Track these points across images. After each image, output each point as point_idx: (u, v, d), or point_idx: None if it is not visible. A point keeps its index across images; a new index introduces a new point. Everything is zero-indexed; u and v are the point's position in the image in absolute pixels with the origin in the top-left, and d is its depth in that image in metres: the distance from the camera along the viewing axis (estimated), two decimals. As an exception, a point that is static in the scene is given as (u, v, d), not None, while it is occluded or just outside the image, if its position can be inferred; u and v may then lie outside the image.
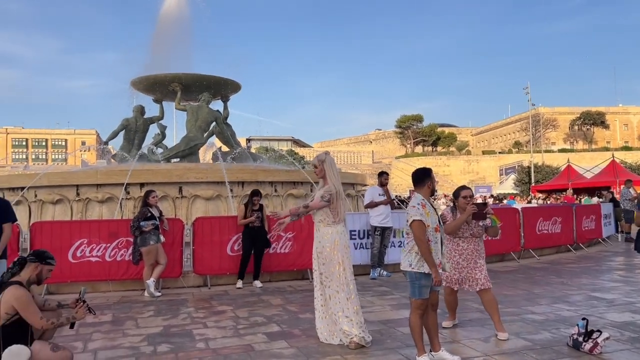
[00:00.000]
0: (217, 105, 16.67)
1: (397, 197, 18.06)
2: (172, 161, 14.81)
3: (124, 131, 15.46)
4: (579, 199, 25.73)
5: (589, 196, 26.45)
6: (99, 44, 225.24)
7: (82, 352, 5.28)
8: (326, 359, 4.96)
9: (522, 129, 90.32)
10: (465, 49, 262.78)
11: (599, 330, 5.05)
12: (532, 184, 44.90)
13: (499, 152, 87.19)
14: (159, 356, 5.12)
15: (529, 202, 27.99)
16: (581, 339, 4.99)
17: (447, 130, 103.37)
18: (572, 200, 24.19)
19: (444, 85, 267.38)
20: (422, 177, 4.86)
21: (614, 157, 32.12)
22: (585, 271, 10.21)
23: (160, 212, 8.67)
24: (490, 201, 28.67)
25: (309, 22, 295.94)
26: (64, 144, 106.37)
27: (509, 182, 53.95)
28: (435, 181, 5.01)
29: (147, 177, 11.77)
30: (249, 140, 72.15)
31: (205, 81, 15.67)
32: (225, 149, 16.42)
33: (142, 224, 8.18)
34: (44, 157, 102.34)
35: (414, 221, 4.63)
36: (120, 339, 5.75)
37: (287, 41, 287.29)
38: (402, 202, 18.70)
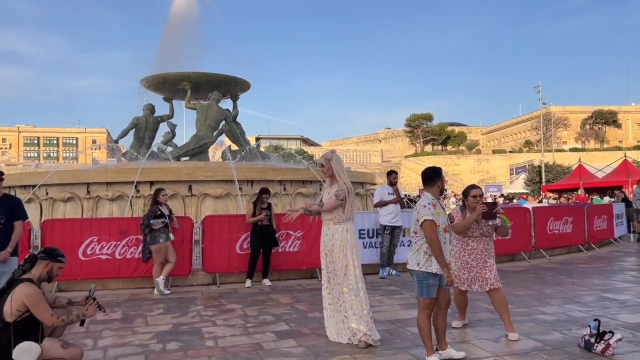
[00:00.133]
0: (226, 104, 16.75)
1: (406, 196, 18.00)
2: (181, 159, 14.87)
3: (134, 130, 15.56)
4: (590, 199, 25.48)
5: (599, 196, 26.19)
6: (108, 44, 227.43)
7: (92, 349, 5.31)
8: (335, 358, 4.94)
9: (533, 128, 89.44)
10: (476, 48, 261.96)
11: (611, 331, 4.98)
12: (543, 184, 44.56)
13: (510, 151, 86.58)
14: (168, 354, 5.13)
15: (540, 202, 27.75)
16: (593, 340, 4.93)
17: (457, 129, 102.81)
18: (585, 200, 23.96)
19: (454, 84, 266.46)
20: (432, 176, 4.83)
21: (626, 156, 31.82)
22: (596, 271, 10.11)
23: (170, 210, 8.71)
24: (500, 201, 28.50)
25: (319, 21, 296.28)
26: (74, 142, 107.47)
27: (520, 181, 53.67)
28: (445, 181, 4.98)
29: (157, 176, 11.84)
30: (258, 139, 72.46)
31: (215, 80, 15.71)
32: (234, 147, 16.47)
33: (152, 222, 8.22)
34: (55, 155, 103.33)
35: (425, 221, 4.60)
36: (129, 337, 5.77)
37: (297, 40, 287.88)
38: (412, 201, 18.65)
